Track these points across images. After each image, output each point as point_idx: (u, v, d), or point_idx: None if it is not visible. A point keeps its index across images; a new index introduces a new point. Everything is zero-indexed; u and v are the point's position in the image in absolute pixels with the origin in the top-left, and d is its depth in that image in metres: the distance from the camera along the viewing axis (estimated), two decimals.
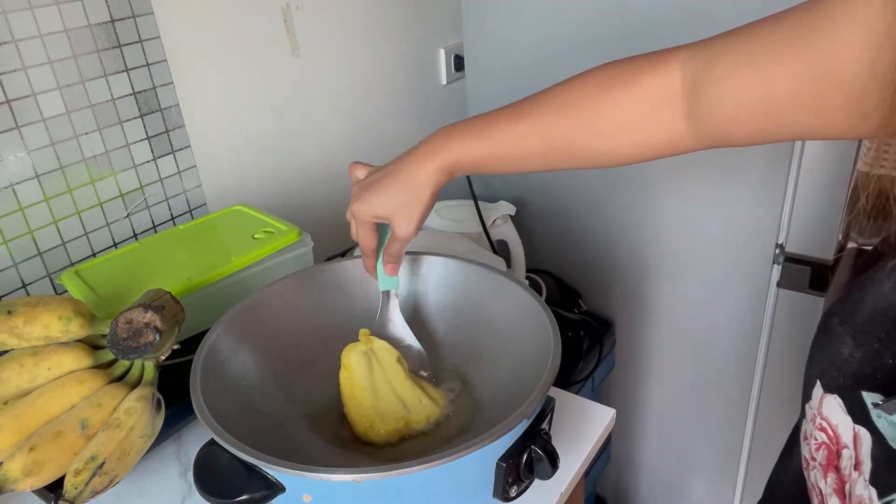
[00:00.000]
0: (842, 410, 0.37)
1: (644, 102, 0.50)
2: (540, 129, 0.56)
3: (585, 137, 0.54)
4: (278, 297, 0.71)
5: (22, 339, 0.61)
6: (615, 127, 0.52)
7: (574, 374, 1.09)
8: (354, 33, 1.11)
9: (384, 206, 0.61)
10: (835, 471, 0.38)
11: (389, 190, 0.61)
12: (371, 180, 0.62)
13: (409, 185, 0.60)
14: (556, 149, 0.55)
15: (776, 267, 1.04)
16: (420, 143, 0.62)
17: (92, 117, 0.80)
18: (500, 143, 0.58)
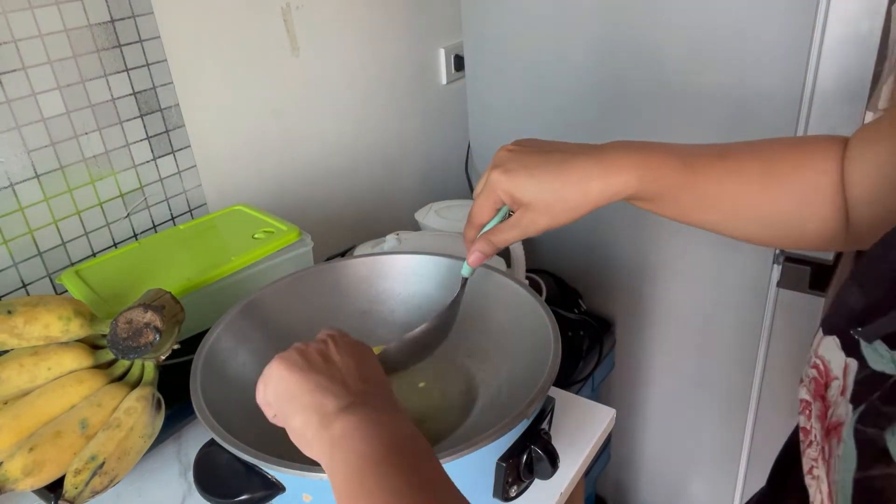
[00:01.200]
0: (836, 347, 0.38)
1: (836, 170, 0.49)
2: (742, 173, 0.50)
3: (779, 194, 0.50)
4: (278, 297, 0.71)
5: (22, 339, 0.61)
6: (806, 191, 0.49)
7: (574, 374, 1.09)
8: (354, 33, 1.11)
9: (527, 190, 0.50)
10: (821, 399, 0.39)
11: (545, 175, 0.50)
12: (531, 156, 0.52)
13: (575, 186, 0.50)
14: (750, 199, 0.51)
15: (776, 267, 1.04)
16: (604, 146, 0.52)
17: (92, 117, 0.80)
18: (703, 175, 0.50)
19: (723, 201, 0.51)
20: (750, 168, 0.51)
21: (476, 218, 0.55)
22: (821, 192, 0.49)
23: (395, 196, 1.29)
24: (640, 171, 0.49)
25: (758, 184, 0.50)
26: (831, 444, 0.36)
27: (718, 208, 0.52)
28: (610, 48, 1.05)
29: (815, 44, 0.88)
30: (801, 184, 0.50)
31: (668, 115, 1.04)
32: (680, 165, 0.50)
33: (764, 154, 0.51)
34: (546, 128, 1.18)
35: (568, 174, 0.50)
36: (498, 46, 1.18)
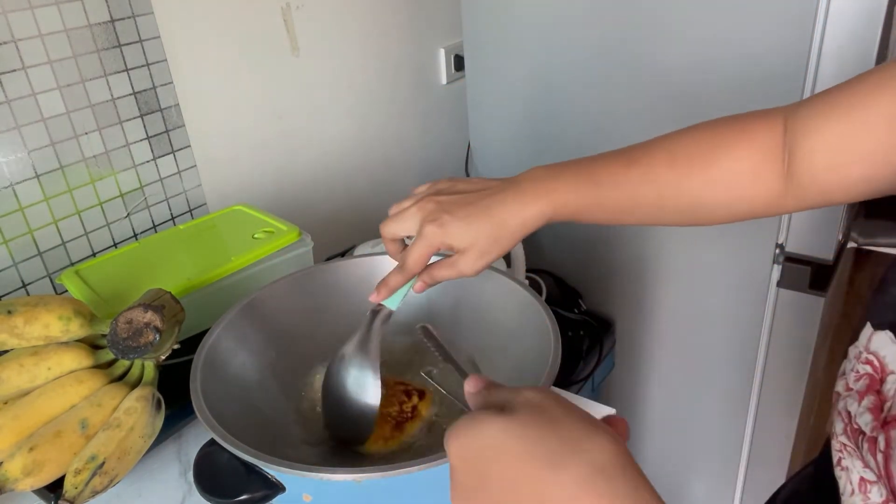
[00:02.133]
0: (891, 342, 0.38)
1: (752, 154, 0.51)
2: (651, 176, 0.54)
3: (695, 188, 0.53)
4: (278, 297, 0.71)
5: (22, 339, 0.61)
6: (724, 178, 0.52)
7: (574, 374, 1.09)
8: (354, 33, 1.11)
9: (462, 239, 0.54)
10: (875, 393, 0.39)
11: (475, 222, 0.53)
12: (453, 200, 0.55)
13: (500, 224, 0.54)
14: (666, 198, 0.54)
15: (776, 267, 1.04)
16: (518, 178, 0.56)
17: (92, 117, 0.80)
18: (612, 188, 0.54)
19: (639, 206, 0.55)
20: (658, 170, 0.53)
21: (410, 268, 0.57)
22: (738, 178, 0.52)
23: (395, 196, 1.28)
24: (551, 198, 0.54)
25: (668, 184, 0.53)
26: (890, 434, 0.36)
27: (638, 212, 0.55)
28: (610, 48, 1.05)
29: (815, 44, 0.88)
30: (717, 173, 0.52)
31: (668, 114, 1.04)
32: (588, 186, 0.54)
33: (673, 151, 0.54)
34: (546, 127, 1.18)
35: (487, 211, 0.54)
36: (498, 46, 1.18)
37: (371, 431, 0.61)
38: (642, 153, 0.55)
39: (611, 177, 0.54)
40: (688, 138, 0.54)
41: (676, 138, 0.55)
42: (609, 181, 0.54)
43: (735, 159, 0.52)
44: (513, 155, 1.26)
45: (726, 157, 0.52)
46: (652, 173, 0.54)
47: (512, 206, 0.54)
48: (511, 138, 1.25)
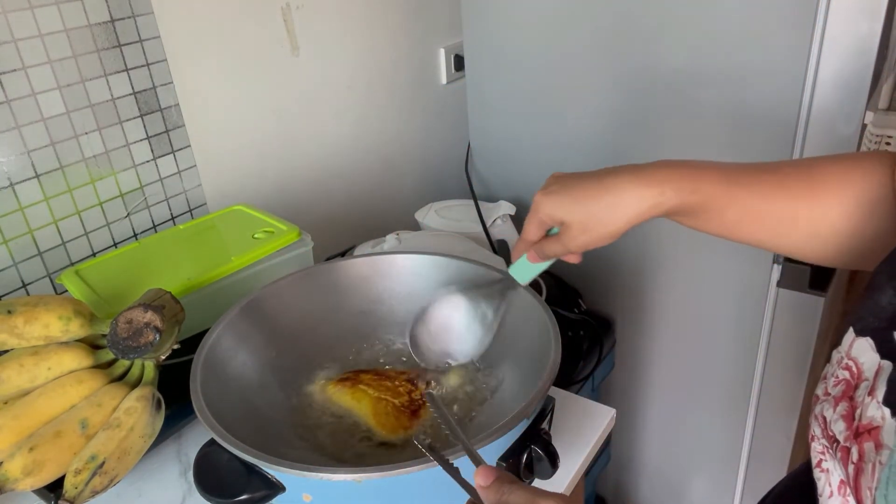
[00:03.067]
0: (871, 349, 0.38)
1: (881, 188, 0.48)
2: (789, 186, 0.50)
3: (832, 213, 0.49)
4: (278, 297, 0.71)
5: (22, 339, 0.61)
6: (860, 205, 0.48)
7: (574, 374, 1.09)
8: (354, 33, 1.11)
9: (564, 211, 0.53)
10: (848, 400, 0.39)
11: (583, 196, 0.52)
12: (573, 178, 0.54)
13: (608, 202, 0.51)
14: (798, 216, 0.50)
15: (776, 267, 1.04)
16: (650, 163, 0.53)
17: (92, 117, 0.80)
18: (744, 187, 0.50)
19: (770, 215, 0.50)
20: (795, 181, 0.50)
21: (526, 237, 0.58)
22: (880, 204, 0.47)
23: (395, 196, 1.29)
24: (677, 182, 0.50)
25: (806, 198, 0.49)
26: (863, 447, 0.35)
27: (767, 223, 0.51)
28: (609, 47, 1.05)
29: (815, 43, 0.88)
30: (854, 196, 0.48)
31: (668, 113, 1.04)
32: (721, 178, 0.50)
33: (810, 169, 0.50)
34: (546, 127, 1.18)
35: (604, 191, 0.51)
36: (498, 46, 1.18)
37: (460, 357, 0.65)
38: (773, 165, 0.51)
39: (747, 178, 0.50)
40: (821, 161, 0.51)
41: (808, 161, 0.51)
42: (745, 181, 0.50)
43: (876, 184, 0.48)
44: (513, 155, 1.26)
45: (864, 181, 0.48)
46: (788, 183, 0.50)
47: (628, 185, 0.51)
48: (511, 138, 1.25)
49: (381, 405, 0.63)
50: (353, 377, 0.67)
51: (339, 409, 0.65)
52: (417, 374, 0.68)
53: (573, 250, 0.55)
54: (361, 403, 0.64)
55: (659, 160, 0.52)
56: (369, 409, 0.63)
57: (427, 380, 0.67)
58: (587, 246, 0.54)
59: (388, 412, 0.62)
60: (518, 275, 0.62)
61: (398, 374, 0.67)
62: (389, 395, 0.64)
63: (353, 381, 0.66)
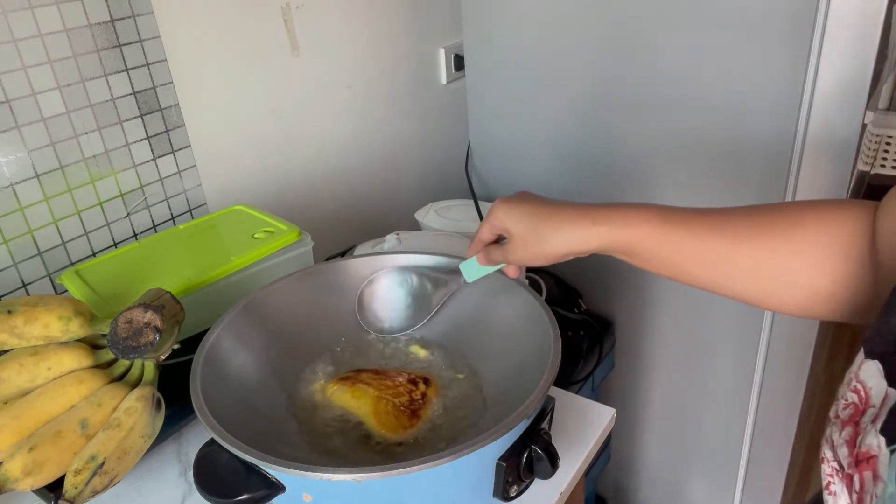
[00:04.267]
0: (879, 374, 0.37)
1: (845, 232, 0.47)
2: (730, 227, 0.50)
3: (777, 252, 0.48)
4: (278, 296, 0.71)
5: (22, 339, 0.61)
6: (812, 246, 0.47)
7: (574, 373, 1.09)
8: (354, 33, 1.11)
9: (516, 226, 0.57)
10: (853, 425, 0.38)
11: (533, 215, 0.56)
12: (534, 198, 0.58)
13: (552, 228, 0.55)
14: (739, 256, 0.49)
15: None
16: (603, 203, 0.55)
17: (92, 117, 0.80)
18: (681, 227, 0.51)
19: (710, 257, 0.50)
20: (736, 221, 0.50)
21: (479, 235, 0.63)
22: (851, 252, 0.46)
23: (395, 196, 1.29)
24: (611, 223, 0.52)
25: (745, 238, 0.49)
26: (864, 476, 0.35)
27: (707, 265, 0.51)
28: (609, 47, 1.05)
29: (815, 43, 0.88)
30: (822, 240, 0.47)
31: (668, 113, 1.04)
32: (658, 220, 0.51)
33: (753, 213, 0.50)
34: (545, 127, 1.18)
35: (550, 216, 0.55)
36: (498, 46, 1.18)
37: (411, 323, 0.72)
38: (722, 209, 0.51)
39: (682, 215, 0.51)
40: (776, 205, 0.50)
41: (764, 205, 0.51)
42: (682, 221, 0.51)
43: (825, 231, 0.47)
44: (513, 155, 1.26)
45: (817, 226, 0.47)
46: (728, 223, 0.50)
47: (572, 218, 0.54)
48: (511, 138, 1.25)
49: (382, 404, 0.63)
50: (352, 376, 0.67)
51: (339, 409, 0.65)
52: (417, 375, 0.68)
53: (511, 262, 0.60)
54: (361, 402, 0.64)
55: (617, 202, 0.55)
56: (369, 409, 0.63)
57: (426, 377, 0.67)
58: (524, 261, 0.58)
59: (388, 411, 0.62)
60: (467, 272, 0.67)
61: (398, 373, 0.67)
62: (389, 394, 0.64)
63: (353, 380, 0.66)
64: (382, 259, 0.75)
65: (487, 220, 0.61)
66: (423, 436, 0.62)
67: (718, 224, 0.50)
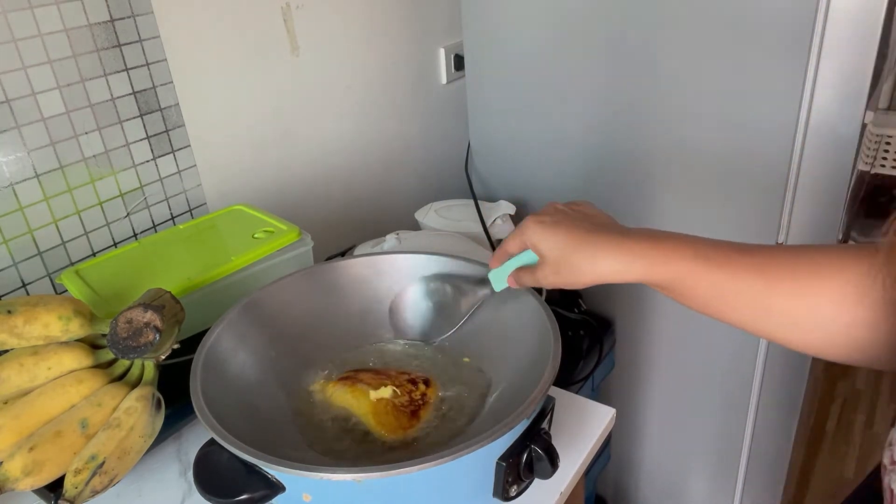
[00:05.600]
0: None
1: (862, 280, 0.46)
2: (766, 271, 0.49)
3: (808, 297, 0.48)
4: (278, 296, 0.71)
5: (22, 339, 0.61)
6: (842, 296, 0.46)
7: (574, 373, 1.09)
8: (354, 33, 1.11)
9: (549, 250, 0.56)
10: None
11: (567, 240, 0.55)
12: (567, 219, 0.56)
13: (586, 258, 0.54)
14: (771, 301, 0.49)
15: None
16: (631, 230, 0.55)
17: (92, 117, 0.80)
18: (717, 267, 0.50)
19: (744, 297, 0.50)
20: (776, 266, 0.49)
21: (507, 247, 0.62)
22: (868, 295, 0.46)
23: (395, 196, 1.29)
24: (649, 258, 0.52)
25: (785, 281, 0.48)
26: None
27: (740, 304, 0.51)
28: (609, 47, 1.05)
29: (815, 43, 0.88)
30: (838, 283, 0.47)
31: (668, 113, 1.04)
32: (692, 255, 0.51)
33: (794, 255, 0.49)
34: (545, 127, 1.18)
35: (585, 245, 0.54)
36: (498, 46, 1.18)
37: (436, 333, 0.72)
38: (759, 247, 0.51)
39: (720, 256, 0.51)
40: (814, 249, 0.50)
41: (802, 247, 0.50)
42: (718, 259, 0.51)
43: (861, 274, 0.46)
44: (513, 155, 1.26)
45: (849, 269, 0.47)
46: (767, 266, 0.49)
47: (607, 248, 0.53)
48: (511, 138, 1.25)
49: (381, 404, 0.63)
50: (352, 376, 0.67)
51: (338, 409, 0.65)
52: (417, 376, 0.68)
53: (542, 286, 0.59)
54: (361, 402, 0.64)
55: (646, 229, 0.55)
56: (369, 409, 0.63)
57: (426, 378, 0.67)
58: (555, 286, 0.57)
59: (388, 412, 0.62)
60: (496, 282, 0.65)
61: (399, 373, 0.67)
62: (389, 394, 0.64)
63: (353, 380, 0.66)
64: (387, 262, 0.75)
65: (518, 236, 0.59)
66: (423, 436, 0.62)
67: (756, 265, 0.50)
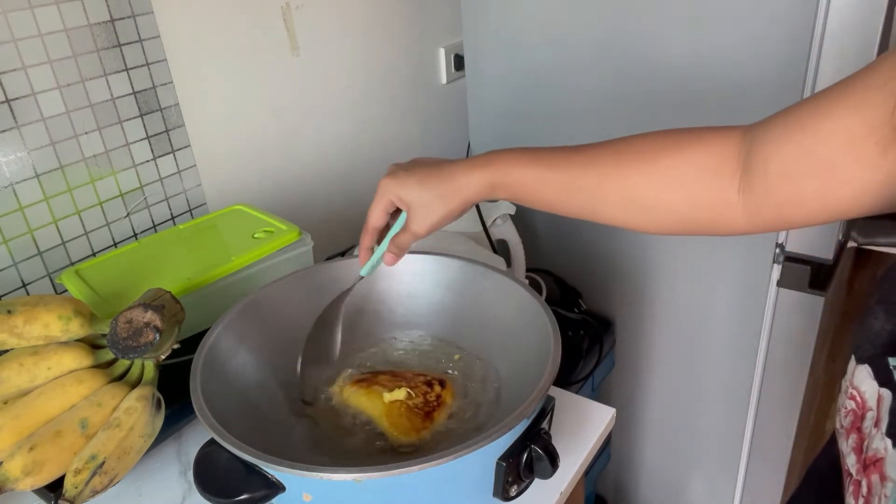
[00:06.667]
0: (870, 377, 0.38)
1: (702, 159, 0.50)
2: (595, 163, 0.55)
3: (637, 182, 0.53)
4: (278, 296, 0.71)
5: (22, 339, 0.61)
6: (670, 178, 0.51)
7: (574, 373, 1.09)
8: (354, 33, 1.11)
9: (411, 193, 0.60)
10: (857, 431, 0.39)
11: (425, 179, 0.59)
12: (412, 164, 0.62)
13: (446, 184, 0.59)
14: (607, 189, 0.54)
15: (776, 266, 1.04)
16: (472, 156, 0.61)
17: (92, 117, 0.80)
18: (552, 168, 0.56)
19: (579, 192, 0.55)
20: (602, 159, 0.54)
21: (373, 223, 0.64)
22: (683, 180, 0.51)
23: None
24: (494, 166, 0.58)
25: (609, 175, 0.54)
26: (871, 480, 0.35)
27: (578, 198, 0.56)
28: (609, 47, 1.05)
29: (815, 42, 0.88)
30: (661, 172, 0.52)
31: (667, 113, 1.04)
32: (531, 162, 0.57)
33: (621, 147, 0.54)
34: (545, 127, 1.18)
35: (441, 174, 0.59)
36: (498, 46, 1.18)
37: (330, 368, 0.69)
38: (592, 146, 0.56)
39: (555, 159, 0.56)
40: (639, 138, 0.54)
41: (629, 138, 0.55)
42: (552, 162, 0.56)
43: (683, 161, 0.51)
44: None
45: (674, 157, 0.51)
46: (596, 161, 0.55)
47: (459, 168, 0.59)
48: (511, 138, 1.25)
49: (395, 406, 0.63)
50: (369, 378, 0.66)
51: (352, 410, 0.65)
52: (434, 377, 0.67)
53: (421, 234, 0.61)
54: (375, 404, 0.63)
55: (491, 150, 0.60)
56: (382, 411, 0.63)
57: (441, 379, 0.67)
58: (433, 227, 0.61)
59: (402, 413, 0.62)
60: (367, 270, 0.67)
61: (415, 375, 0.67)
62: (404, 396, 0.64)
63: (370, 381, 0.66)
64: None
65: (381, 201, 0.62)
66: (435, 440, 0.62)
67: (587, 162, 0.55)
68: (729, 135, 0.49)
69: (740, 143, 0.49)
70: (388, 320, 0.75)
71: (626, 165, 0.53)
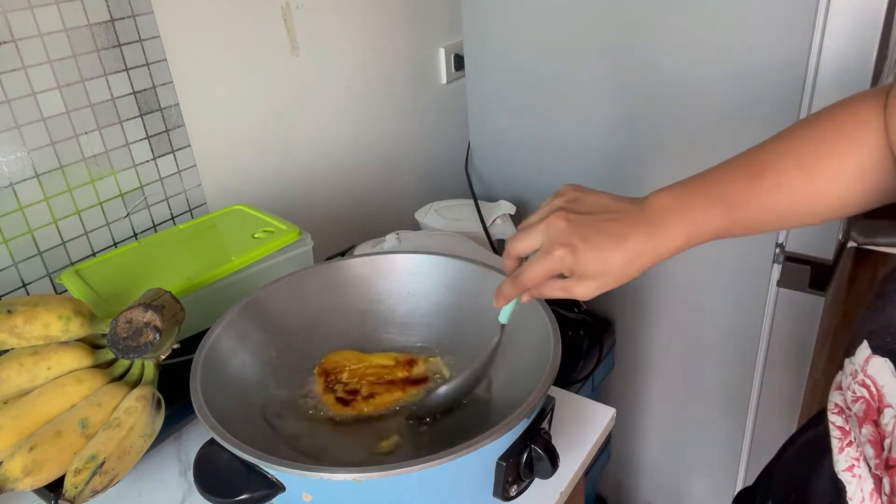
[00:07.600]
0: (891, 373, 0.38)
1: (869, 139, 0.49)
2: (783, 183, 0.51)
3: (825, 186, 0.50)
4: (278, 296, 0.71)
5: (22, 339, 0.61)
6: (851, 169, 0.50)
7: (574, 373, 1.09)
8: (354, 33, 1.11)
9: (593, 268, 0.50)
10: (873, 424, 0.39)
11: (609, 253, 0.50)
12: (585, 222, 0.51)
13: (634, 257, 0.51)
14: (799, 203, 0.51)
15: (776, 266, 1.04)
16: (648, 205, 0.53)
17: (92, 117, 0.80)
18: (745, 207, 0.51)
19: (772, 216, 0.52)
20: (789, 179, 0.51)
21: (527, 285, 0.53)
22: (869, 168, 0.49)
23: (395, 196, 1.29)
24: (687, 230, 0.51)
25: (802, 191, 0.50)
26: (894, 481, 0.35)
27: (772, 222, 0.53)
28: (609, 47, 1.05)
29: (815, 43, 0.88)
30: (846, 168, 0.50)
31: (670, 109, 1.04)
32: (721, 209, 0.51)
33: (798, 154, 0.51)
34: (546, 127, 1.18)
35: (628, 247, 0.50)
36: (498, 46, 1.18)
37: None
38: (768, 161, 0.52)
39: (741, 194, 0.51)
40: (805, 138, 0.51)
41: (794, 139, 0.52)
42: (741, 199, 0.51)
43: (859, 146, 0.49)
44: (513, 155, 1.26)
45: (850, 147, 0.49)
46: (783, 181, 0.51)
47: (647, 240, 0.51)
48: (511, 138, 1.25)
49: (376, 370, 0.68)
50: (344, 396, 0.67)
51: None
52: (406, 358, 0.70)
53: (582, 299, 0.53)
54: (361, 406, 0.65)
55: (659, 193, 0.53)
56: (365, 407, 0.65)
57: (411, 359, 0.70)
58: (592, 294, 0.52)
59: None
60: (502, 317, 0.60)
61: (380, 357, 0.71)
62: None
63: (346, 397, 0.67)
64: (387, 262, 0.75)
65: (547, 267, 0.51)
66: (423, 433, 0.62)
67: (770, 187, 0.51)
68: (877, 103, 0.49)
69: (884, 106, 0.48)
70: (389, 320, 0.75)
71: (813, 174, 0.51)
